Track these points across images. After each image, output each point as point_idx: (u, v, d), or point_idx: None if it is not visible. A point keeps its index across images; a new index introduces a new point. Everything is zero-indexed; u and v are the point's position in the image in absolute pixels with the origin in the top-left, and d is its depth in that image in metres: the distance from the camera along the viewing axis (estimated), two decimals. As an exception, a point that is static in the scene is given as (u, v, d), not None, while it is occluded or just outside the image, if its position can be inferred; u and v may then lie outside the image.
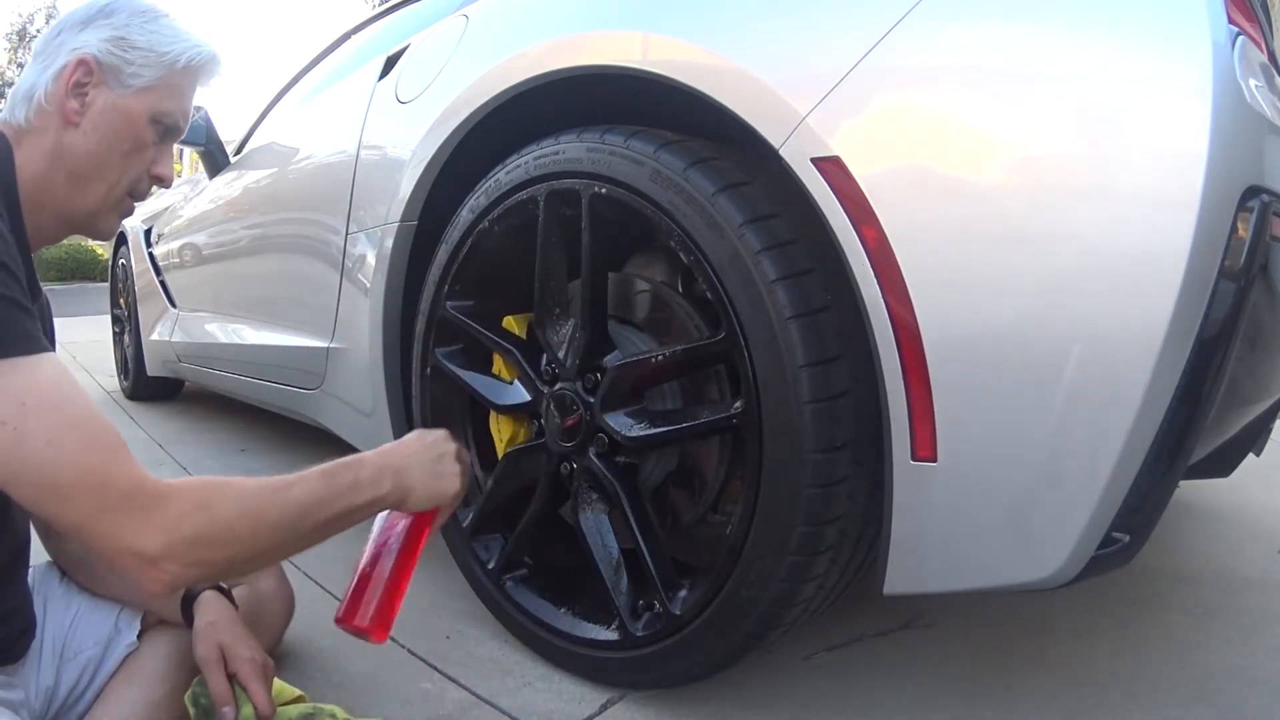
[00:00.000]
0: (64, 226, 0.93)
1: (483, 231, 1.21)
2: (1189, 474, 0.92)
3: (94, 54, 0.89)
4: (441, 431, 0.96)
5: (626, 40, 1.05)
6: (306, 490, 0.81)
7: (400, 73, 1.55)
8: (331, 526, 0.83)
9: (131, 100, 0.91)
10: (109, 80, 0.90)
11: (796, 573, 0.91)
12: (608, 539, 1.11)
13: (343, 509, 0.83)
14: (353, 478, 0.84)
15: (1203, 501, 1.93)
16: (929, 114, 0.80)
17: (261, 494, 0.79)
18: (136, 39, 0.91)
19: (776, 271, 0.88)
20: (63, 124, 0.89)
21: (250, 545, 0.76)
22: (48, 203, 0.89)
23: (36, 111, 0.89)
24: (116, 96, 0.90)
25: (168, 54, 0.92)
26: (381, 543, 0.92)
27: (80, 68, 0.89)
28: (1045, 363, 0.75)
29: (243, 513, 0.76)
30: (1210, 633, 1.27)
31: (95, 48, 0.89)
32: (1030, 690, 1.10)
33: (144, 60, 0.91)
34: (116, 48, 0.90)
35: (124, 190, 0.94)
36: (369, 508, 0.87)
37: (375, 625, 0.90)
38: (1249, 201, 0.75)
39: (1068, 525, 0.77)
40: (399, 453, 0.90)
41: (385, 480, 0.87)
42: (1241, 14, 0.81)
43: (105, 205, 0.93)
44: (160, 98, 0.92)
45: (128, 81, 0.91)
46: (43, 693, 0.92)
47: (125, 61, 0.90)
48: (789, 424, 0.88)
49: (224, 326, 2.33)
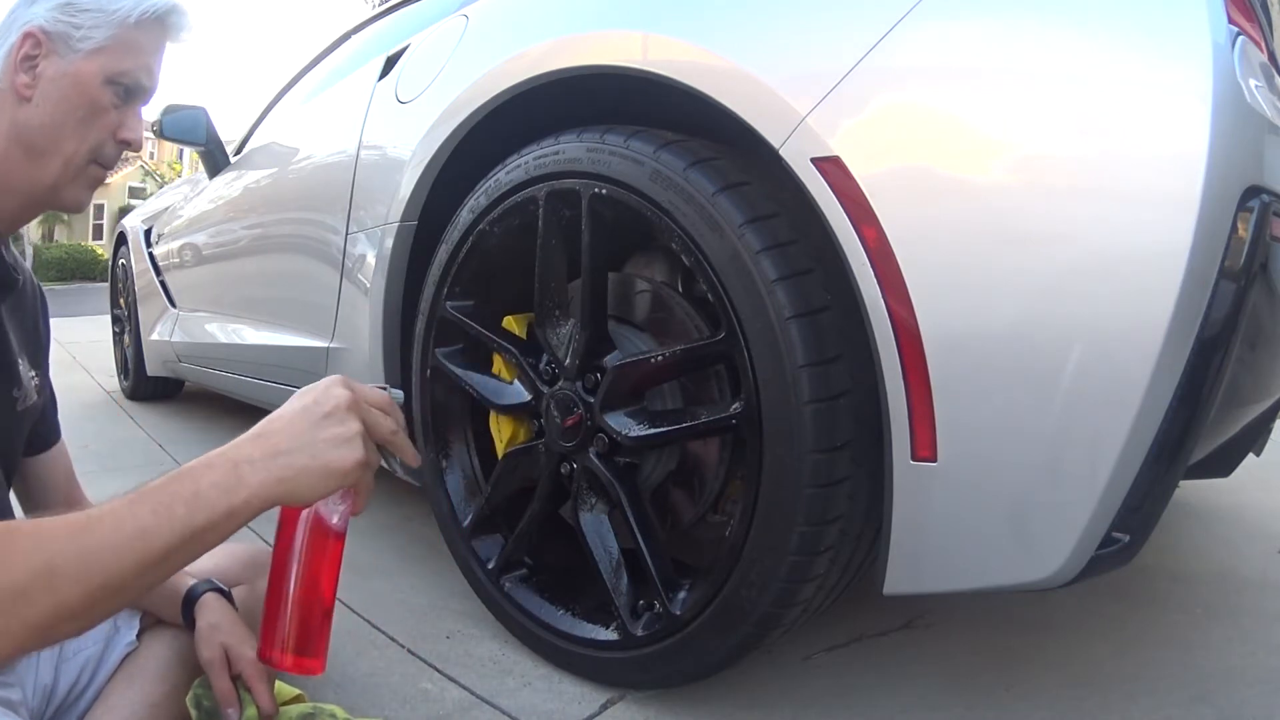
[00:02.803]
0: (30, 204, 0.90)
1: (483, 232, 1.21)
2: (1189, 474, 0.92)
3: (40, 24, 0.87)
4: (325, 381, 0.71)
5: (626, 40, 1.05)
6: (114, 525, 0.60)
7: (400, 73, 1.55)
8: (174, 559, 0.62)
9: (82, 63, 0.87)
10: (58, 48, 0.87)
11: (796, 573, 0.91)
12: (607, 539, 1.11)
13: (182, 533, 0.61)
14: (191, 489, 0.62)
15: (1203, 501, 1.93)
16: (929, 114, 0.80)
17: (55, 541, 0.59)
18: (84, 1, 0.88)
19: (776, 271, 0.88)
20: (16, 101, 0.87)
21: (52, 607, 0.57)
22: (11, 184, 0.87)
23: None
24: (66, 63, 0.87)
25: (118, 10, 0.89)
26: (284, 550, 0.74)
27: (28, 40, 0.86)
28: (1045, 363, 0.75)
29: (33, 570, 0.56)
30: (1210, 633, 1.27)
31: (42, 18, 0.87)
32: (1030, 690, 1.10)
33: (93, 21, 0.88)
34: (63, 14, 0.87)
35: (85, 158, 0.91)
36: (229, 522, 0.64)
37: (300, 654, 0.74)
38: (1249, 201, 0.75)
39: (1068, 525, 0.77)
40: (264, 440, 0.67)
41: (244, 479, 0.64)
42: (1241, 14, 0.81)
43: (65, 176, 0.90)
44: (115, 57, 0.89)
45: (76, 45, 0.87)
46: (41, 691, 0.92)
47: (74, 26, 0.87)
48: (789, 424, 0.87)
49: (224, 326, 2.34)
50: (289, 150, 2.05)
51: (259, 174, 2.21)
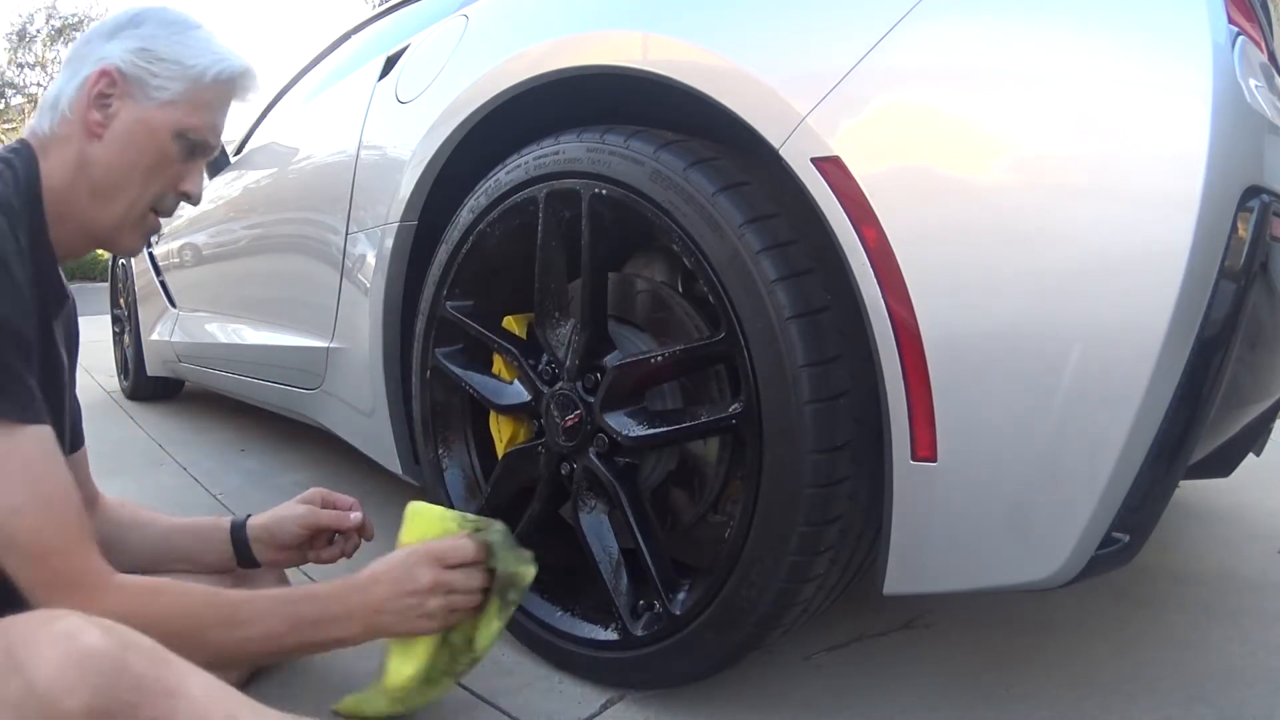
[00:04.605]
0: (87, 240, 0.91)
1: (483, 232, 1.21)
2: (1189, 474, 0.92)
3: (117, 64, 0.88)
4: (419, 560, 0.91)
5: (626, 40, 1.05)
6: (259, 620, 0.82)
7: (400, 73, 1.55)
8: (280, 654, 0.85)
9: (155, 113, 0.89)
10: (134, 92, 0.88)
11: (796, 573, 0.91)
12: (607, 539, 1.11)
13: (296, 645, 0.85)
14: (319, 613, 0.85)
15: (1203, 501, 1.93)
16: (929, 114, 0.80)
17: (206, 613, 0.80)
18: (162, 50, 0.89)
19: (776, 271, 0.88)
20: (86, 135, 0.88)
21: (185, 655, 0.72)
22: (71, 215, 0.88)
23: (60, 120, 0.88)
24: (140, 109, 0.88)
25: (194, 67, 0.90)
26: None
27: (103, 78, 0.87)
28: (1045, 363, 0.75)
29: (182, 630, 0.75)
30: (1210, 633, 1.27)
31: (119, 58, 0.88)
32: (1030, 690, 1.10)
33: (169, 73, 0.89)
34: (141, 59, 0.88)
35: (146, 206, 0.92)
36: (330, 646, 0.88)
37: None
38: (1249, 201, 0.75)
39: (1068, 525, 0.77)
40: (375, 593, 0.89)
41: (355, 622, 0.87)
42: (1241, 14, 0.81)
43: (127, 221, 0.91)
44: (186, 112, 0.90)
45: (152, 94, 0.89)
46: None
47: (150, 74, 0.89)
48: (789, 424, 0.87)
49: (224, 326, 2.34)
50: (289, 150, 2.05)
51: (259, 174, 2.21)
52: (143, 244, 0.99)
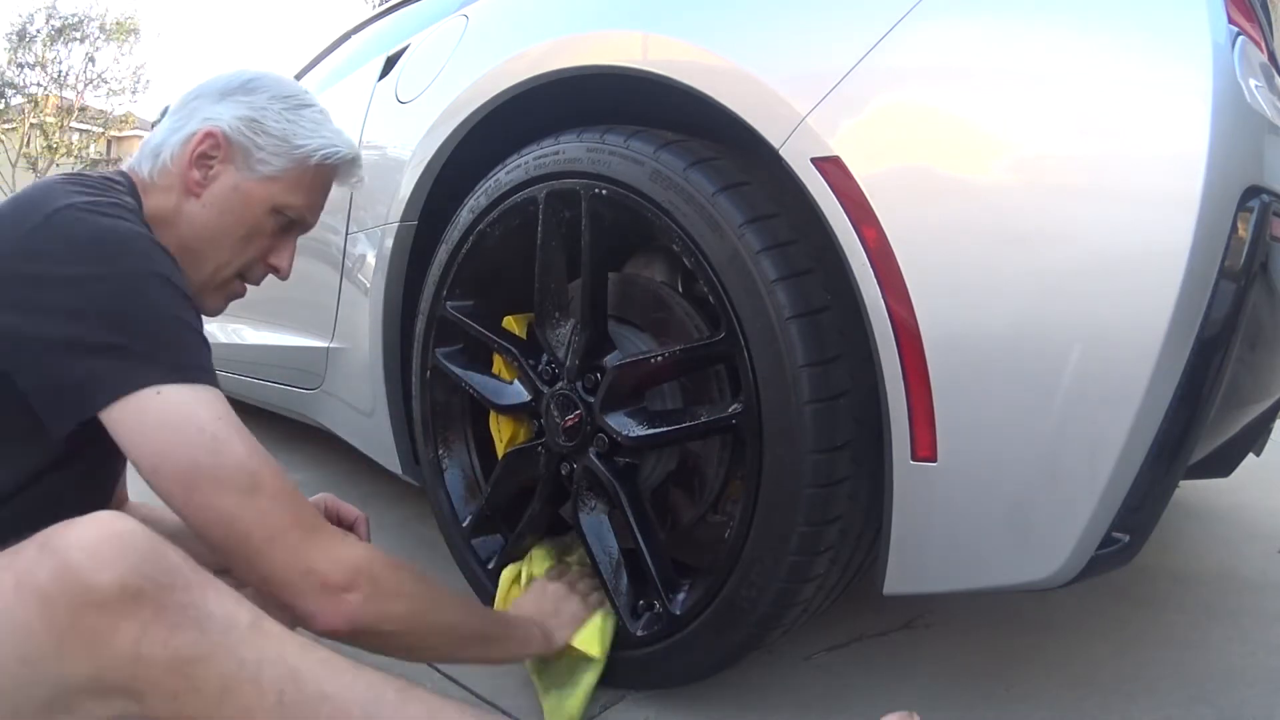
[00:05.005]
0: None
1: (483, 232, 1.21)
2: (1189, 474, 0.93)
3: (224, 129, 0.87)
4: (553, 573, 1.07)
5: (626, 40, 1.05)
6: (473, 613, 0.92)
7: (400, 73, 1.55)
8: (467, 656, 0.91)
9: (255, 185, 0.88)
10: (236, 159, 0.87)
11: (796, 573, 0.91)
12: (607, 539, 1.10)
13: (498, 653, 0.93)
14: (523, 635, 0.95)
15: (1203, 501, 1.93)
16: (929, 114, 0.80)
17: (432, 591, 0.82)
18: (271, 124, 0.88)
19: (776, 271, 0.88)
20: (184, 191, 0.87)
21: (406, 622, 0.77)
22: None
23: (161, 171, 0.87)
24: (241, 178, 0.87)
25: (301, 147, 0.89)
26: None
27: (208, 139, 0.86)
28: (1045, 363, 0.75)
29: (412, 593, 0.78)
30: (1210, 633, 1.27)
31: (227, 123, 0.87)
32: (1030, 690, 1.10)
33: (275, 148, 0.88)
34: (249, 128, 0.87)
35: (234, 273, 0.92)
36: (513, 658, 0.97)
37: None
38: (1249, 201, 0.75)
39: (1068, 525, 0.77)
40: (541, 611, 1.01)
41: (535, 637, 0.97)
42: (1241, 14, 0.81)
43: (212, 283, 0.90)
44: (286, 189, 0.90)
45: (255, 166, 0.88)
46: None
47: (255, 145, 0.87)
48: (789, 424, 0.87)
49: (223, 326, 2.33)
50: (289, 150, 2.05)
51: (259, 174, 2.20)
52: (224, 307, 0.97)
